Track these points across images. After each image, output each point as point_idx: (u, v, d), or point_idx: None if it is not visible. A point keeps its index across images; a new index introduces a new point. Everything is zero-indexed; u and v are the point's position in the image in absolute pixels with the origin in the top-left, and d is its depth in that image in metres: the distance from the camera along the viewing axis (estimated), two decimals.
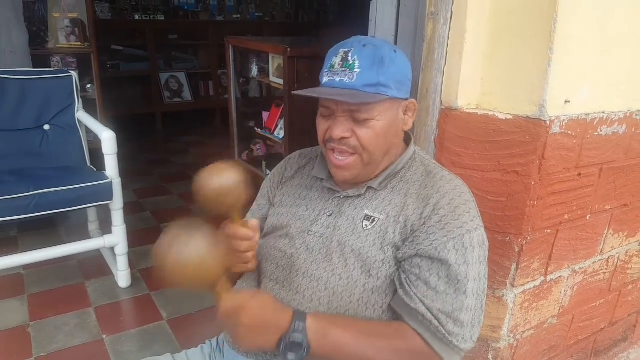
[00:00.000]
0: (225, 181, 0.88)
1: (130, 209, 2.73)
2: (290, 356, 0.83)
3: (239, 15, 5.84)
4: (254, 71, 3.15)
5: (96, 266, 2.41)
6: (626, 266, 1.64)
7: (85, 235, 2.55)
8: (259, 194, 1.17)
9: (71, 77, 2.48)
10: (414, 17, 1.36)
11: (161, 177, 3.79)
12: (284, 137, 2.76)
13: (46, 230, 2.71)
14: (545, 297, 1.40)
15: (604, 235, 1.48)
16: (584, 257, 1.45)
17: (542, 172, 1.18)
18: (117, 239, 2.20)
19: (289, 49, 2.46)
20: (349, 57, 0.90)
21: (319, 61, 0.99)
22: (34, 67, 3.06)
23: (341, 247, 0.95)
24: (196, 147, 4.62)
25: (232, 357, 1.04)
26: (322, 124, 0.96)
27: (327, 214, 1.00)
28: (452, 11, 1.19)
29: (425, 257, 0.89)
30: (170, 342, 1.91)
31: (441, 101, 1.26)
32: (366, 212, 0.97)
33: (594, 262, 1.50)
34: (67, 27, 3.53)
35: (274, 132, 2.93)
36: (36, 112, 2.42)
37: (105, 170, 2.15)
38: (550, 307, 1.44)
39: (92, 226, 2.65)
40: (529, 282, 1.32)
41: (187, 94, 5.34)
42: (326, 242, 0.97)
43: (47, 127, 2.44)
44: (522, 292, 1.32)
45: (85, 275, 2.35)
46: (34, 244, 2.41)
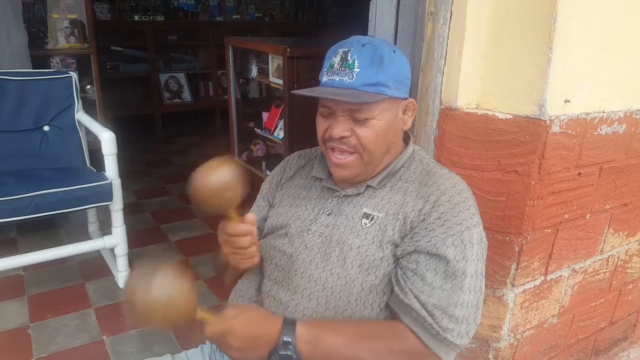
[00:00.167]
0: (220, 179, 0.87)
1: (130, 210, 2.73)
2: None
3: (238, 15, 5.84)
4: (254, 72, 3.15)
5: (96, 267, 2.41)
6: (626, 265, 1.64)
7: (85, 236, 2.54)
8: (259, 195, 1.17)
9: (71, 78, 2.47)
10: (413, 17, 1.36)
11: (161, 177, 3.79)
12: (283, 137, 2.76)
13: (46, 231, 2.71)
14: (545, 296, 1.40)
15: (604, 234, 1.48)
16: (584, 256, 1.45)
17: (542, 171, 1.18)
18: (117, 240, 2.20)
19: (288, 49, 2.46)
20: (349, 57, 0.90)
21: (318, 61, 0.99)
22: (33, 68, 3.05)
23: (340, 246, 0.95)
24: (196, 148, 4.62)
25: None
26: (321, 124, 0.96)
27: (327, 213, 1.00)
28: (451, 11, 1.19)
29: (423, 252, 0.89)
30: (170, 342, 1.91)
31: (441, 101, 1.26)
32: (365, 210, 0.97)
33: (594, 262, 1.50)
34: (66, 28, 3.53)
35: (273, 133, 2.93)
36: (36, 113, 2.41)
37: (105, 171, 2.15)
38: (550, 307, 1.43)
39: (92, 227, 2.65)
40: (529, 282, 1.32)
41: (186, 95, 5.34)
42: (325, 241, 0.97)
43: (46, 128, 2.44)
44: (523, 291, 1.32)
45: (85, 276, 2.35)
46: (34, 245, 2.41)
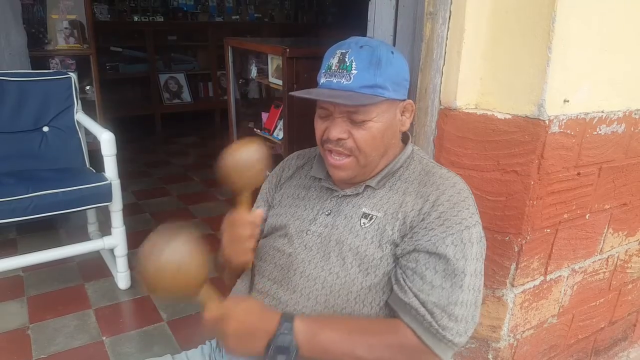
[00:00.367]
0: (246, 155, 0.96)
1: (129, 211, 2.73)
2: (280, 359, 0.83)
3: (238, 16, 5.84)
4: (253, 72, 3.15)
5: (96, 268, 2.40)
6: (626, 265, 1.64)
7: (84, 236, 2.54)
8: (258, 196, 1.17)
9: (70, 78, 2.47)
10: (412, 17, 1.36)
11: (160, 178, 3.78)
12: (283, 137, 2.76)
13: (45, 232, 2.70)
14: (545, 296, 1.40)
15: (604, 234, 1.48)
16: (583, 256, 1.45)
17: (541, 171, 1.18)
18: (116, 241, 2.20)
19: (287, 50, 2.46)
20: (346, 59, 0.90)
21: (318, 62, 0.99)
22: (32, 69, 3.05)
23: (339, 246, 0.95)
24: (195, 148, 4.62)
25: (232, 357, 1.04)
26: (319, 125, 0.97)
27: (326, 213, 1.00)
28: (450, 11, 1.19)
29: (423, 251, 0.89)
30: (170, 343, 1.91)
31: (440, 101, 1.26)
32: (364, 210, 0.97)
33: (593, 262, 1.50)
34: (66, 28, 3.53)
35: (273, 133, 2.92)
36: (35, 113, 2.41)
37: (104, 171, 2.15)
38: (550, 307, 1.43)
39: (92, 228, 2.64)
40: (528, 282, 1.32)
41: (186, 95, 5.34)
42: (324, 241, 0.97)
43: (46, 128, 2.44)
44: (522, 291, 1.32)
45: (84, 277, 2.35)
46: (33, 245, 2.41)
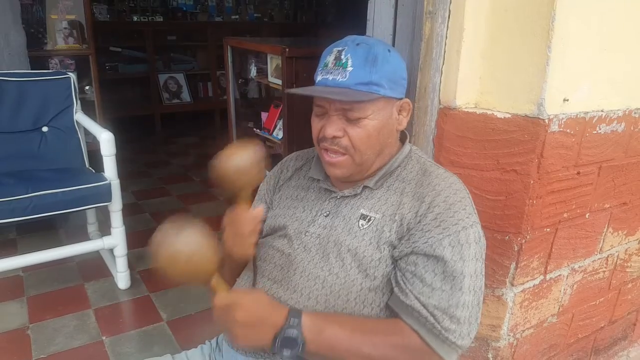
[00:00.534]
0: (242, 161, 0.94)
1: (129, 211, 2.73)
2: (285, 352, 0.83)
3: (237, 16, 5.84)
4: (253, 72, 3.15)
5: (95, 268, 2.40)
6: (626, 264, 1.64)
7: (84, 237, 2.54)
8: (257, 197, 1.16)
9: (69, 78, 2.47)
10: (411, 16, 1.36)
11: (160, 178, 3.78)
12: (282, 137, 2.75)
13: (45, 232, 2.70)
14: (544, 295, 1.39)
15: (604, 233, 1.48)
16: (583, 255, 1.45)
17: (541, 170, 1.18)
18: (116, 241, 2.20)
19: (287, 49, 2.46)
20: (342, 56, 0.90)
21: (317, 61, 0.99)
22: (32, 69, 3.05)
23: (337, 247, 0.95)
24: (195, 148, 4.62)
25: (231, 357, 1.04)
26: (316, 123, 0.97)
27: (324, 215, 1.00)
28: (449, 10, 1.19)
29: (421, 254, 0.88)
30: (169, 343, 1.91)
31: (439, 100, 1.26)
32: (362, 211, 0.96)
33: (593, 261, 1.50)
34: (65, 28, 3.53)
35: (272, 133, 2.92)
36: (34, 114, 2.41)
37: (104, 171, 2.15)
38: (550, 306, 1.43)
39: (91, 228, 2.64)
40: (528, 281, 1.32)
41: (185, 95, 5.34)
42: (323, 242, 0.97)
43: (45, 129, 2.44)
44: (522, 291, 1.32)
45: (84, 277, 2.35)
46: (33, 246, 2.40)
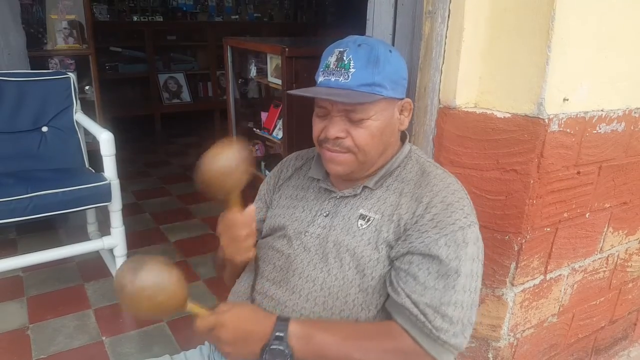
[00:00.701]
0: (225, 162, 0.87)
1: (129, 211, 2.73)
2: None
3: (237, 16, 5.84)
4: (253, 72, 3.15)
5: (95, 268, 2.40)
6: (626, 264, 1.64)
7: (84, 237, 2.54)
8: (257, 197, 1.17)
9: (69, 78, 2.47)
10: (411, 16, 1.36)
11: (160, 178, 3.79)
12: (282, 137, 2.75)
13: (45, 232, 2.70)
14: (545, 295, 1.39)
15: (604, 233, 1.48)
16: (583, 255, 1.45)
17: (541, 170, 1.18)
18: (116, 241, 2.20)
19: (286, 49, 2.46)
20: (344, 57, 0.90)
21: (317, 61, 0.99)
22: (32, 69, 3.05)
23: (337, 247, 0.95)
24: (195, 148, 4.62)
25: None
26: (317, 124, 0.96)
27: (324, 215, 1.00)
28: (449, 9, 1.19)
29: (417, 253, 0.88)
30: (169, 343, 1.91)
31: (439, 100, 1.26)
32: (361, 211, 0.96)
33: (593, 261, 1.49)
34: (65, 28, 3.53)
35: (272, 133, 2.92)
36: (34, 114, 2.41)
37: (103, 171, 2.15)
38: (550, 306, 1.43)
39: (91, 228, 2.64)
40: (528, 281, 1.32)
41: (185, 95, 5.34)
42: (322, 243, 0.97)
43: (45, 129, 2.44)
44: (522, 290, 1.32)
45: (84, 277, 2.35)
46: (33, 246, 2.40)
